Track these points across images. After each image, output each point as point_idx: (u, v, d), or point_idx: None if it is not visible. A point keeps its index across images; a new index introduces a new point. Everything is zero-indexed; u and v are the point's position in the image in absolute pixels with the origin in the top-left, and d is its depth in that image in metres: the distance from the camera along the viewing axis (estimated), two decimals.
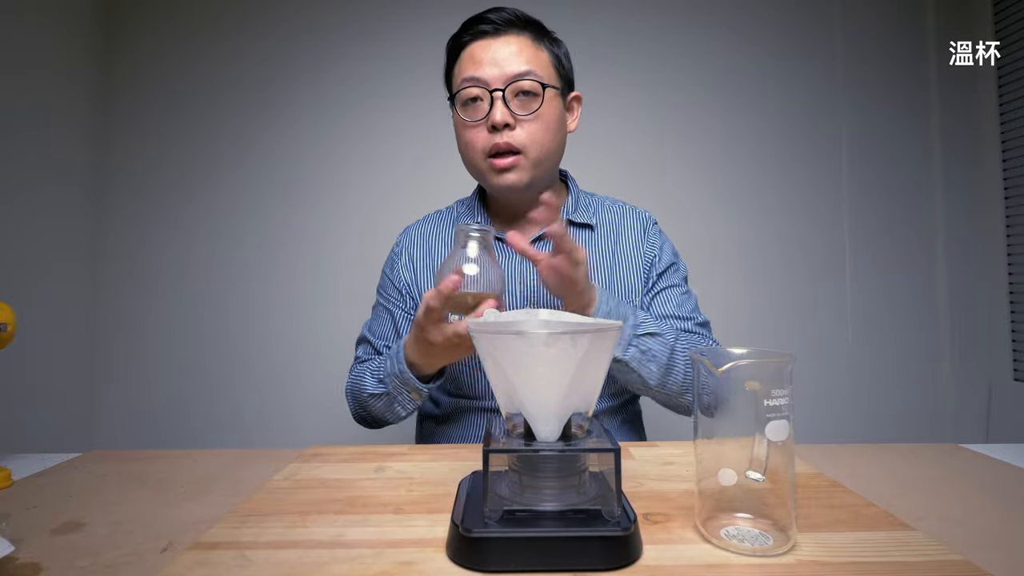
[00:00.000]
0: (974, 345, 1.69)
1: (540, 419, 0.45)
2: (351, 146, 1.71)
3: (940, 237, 1.71)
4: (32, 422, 1.42)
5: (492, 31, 0.83)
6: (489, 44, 0.83)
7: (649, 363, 0.77)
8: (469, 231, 0.70)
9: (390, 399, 0.82)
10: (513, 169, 0.83)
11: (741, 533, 0.43)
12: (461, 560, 0.41)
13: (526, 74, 0.81)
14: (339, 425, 1.59)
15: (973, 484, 0.59)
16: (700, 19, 1.72)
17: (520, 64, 0.82)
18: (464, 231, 0.71)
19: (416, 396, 0.80)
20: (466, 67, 0.84)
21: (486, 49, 0.83)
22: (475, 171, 0.88)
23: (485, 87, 0.82)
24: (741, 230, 1.71)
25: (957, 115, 1.71)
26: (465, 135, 0.85)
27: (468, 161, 0.88)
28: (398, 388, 0.80)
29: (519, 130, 0.82)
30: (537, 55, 0.84)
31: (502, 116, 0.81)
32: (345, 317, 1.66)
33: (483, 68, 0.82)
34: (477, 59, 0.83)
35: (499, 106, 0.81)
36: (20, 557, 0.44)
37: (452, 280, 0.66)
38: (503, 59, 0.82)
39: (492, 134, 0.82)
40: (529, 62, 0.82)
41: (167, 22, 1.70)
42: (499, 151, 0.82)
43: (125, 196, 1.69)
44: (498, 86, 0.81)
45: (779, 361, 0.41)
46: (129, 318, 1.68)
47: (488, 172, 0.85)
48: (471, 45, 0.84)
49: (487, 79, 0.82)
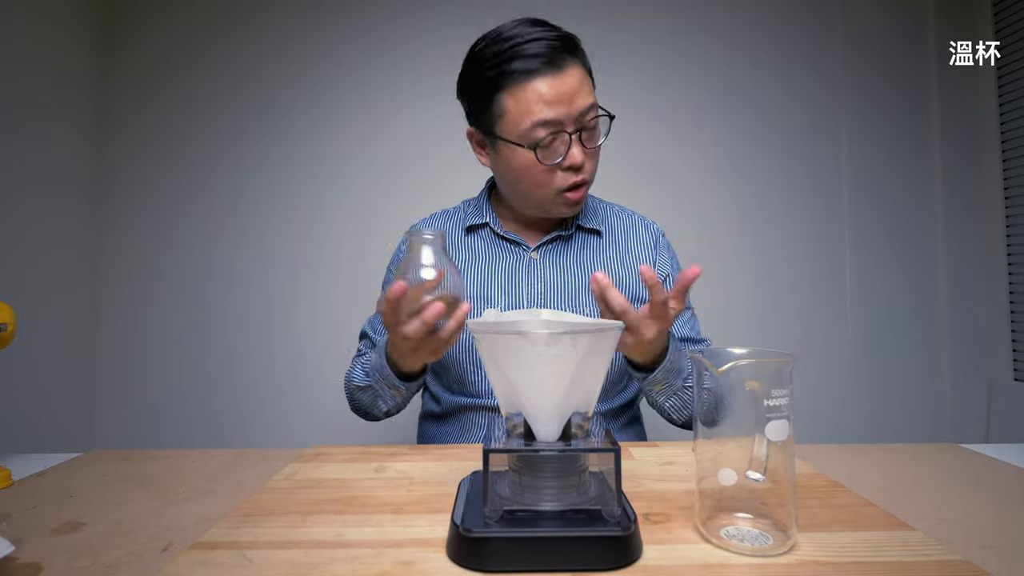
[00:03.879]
0: (974, 345, 1.69)
1: (540, 419, 0.45)
2: (351, 146, 1.71)
3: (940, 237, 1.71)
4: (32, 422, 1.42)
5: (551, 65, 0.77)
6: (552, 80, 0.77)
7: (685, 410, 0.82)
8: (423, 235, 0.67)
9: (374, 393, 0.82)
10: (582, 199, 0.85)
11: (741, 533, 0.43)
12: (461, 560, 0.41)
13: (591, 109, 0.80)
14: (339, 425, 1.59)
15: (973, 484, 0.59)
16: (700, 19, 1.72)
17: (585, 98, 0.79)
18: (418, 235, 0.68)
19: (396, 393, 0.80)
20: (533, 108, 0.77)
21: (551, 86, 0.77)
22: (538, 204, 0.86)
23: (562, 130, 0.79)
24: (741, 230, 1.71)
25: (957, 115, 1.71)
26: (539, 177, 0.81)
27: (533, 197, 0.85)
28: (380, 383, 0.80)
29: (588, 163, 0.83)
30: (588, 81, 0.81)
31: (583, 157, 0.81)
32: (345, 317, 1.67)
33: (555, 108, 0.77)
34: (547, 99, 0.77)
35: (577, 148, 0.80)
36: (20, 557, 0.44)
37: (397, 287, 0.63)
38: (572, 95, 0.78)
39: (568, 173, 0.81)
40: (590, 93, 0.80)
41: (167, 23, 1.70)
42: (575, 186, 0.82)
43: (125, 196, 1.69)
44: (572, 127, 0.79)
45: (779, 361, 0.41)
46: (129, 318, 1.68)
47: (559, 205, 0.84)
48: (531, 81, 0.77)
49: (562, 120, 0.78)
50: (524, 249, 0.91)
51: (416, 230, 0.68)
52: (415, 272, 0.66)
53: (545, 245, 0.91)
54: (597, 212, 0.96)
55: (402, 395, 0.81)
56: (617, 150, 1.69)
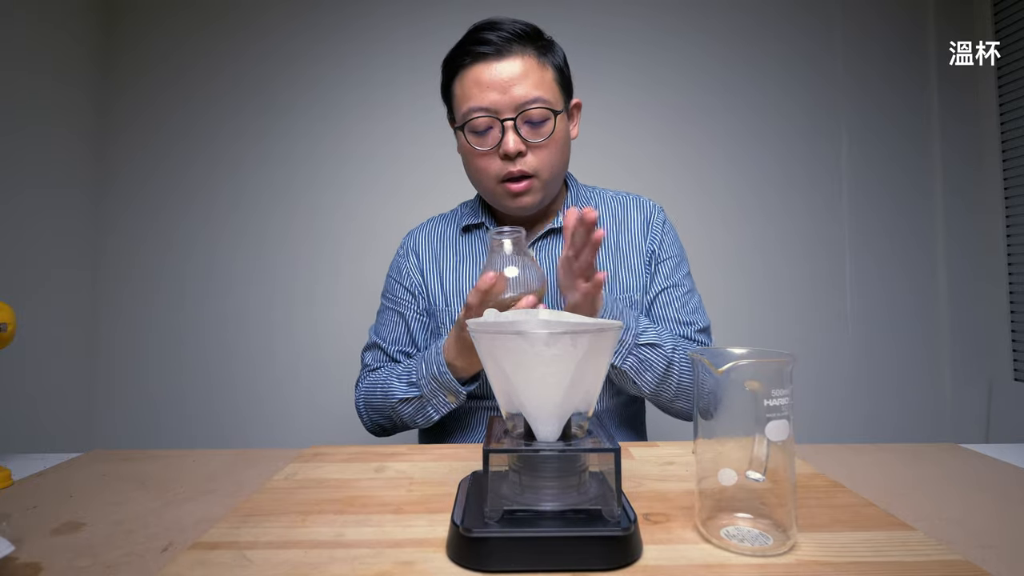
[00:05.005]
0: (974, 345, 1.69)
1: (540, 419, 0.45)
2: (350, 147, 1.71)
3: (940, 237, 1.71)
4: (32, 422, 1.42)
5: (494, 52, 0.79)
6: (492, 66, 0.79)
7: (645, 372, 0.78)
8: (503, 234, 0.72)
9: (422, 402, 0.81)
10: (528, 192, 0.83)
11: (741, 533, 0.43)
12: (461, 560, 0.41)
13: (535, 101, 0.79)
14: (339, 425, 1.59)
15: (973, 484, 0.59)
16: (700, 20, 1.72)
17: (528, 89, 0.79)
18: (498, 234, 0.72)
19: (452, 399, 0.80)
20: (471, 93, 0.80)
21: (490, 72, 0.79)
22: (486, 192, 0.87)
23: (495, 116, 0.80)
24: (741, 230, 1.71)
25: (957, 115, 1.71)
26: (477, 163, 0.84)
27: (478, 184, 0.87)
28: (434, 391, 0.79)
29: (531, 156, 0.81)
30: (543, 76, 0.81)
31: (515, 145, 0.80)
32: (345, 317, 1.67)
33: (489, 95, 0.79)
34: (483, 84, 0.79)
35: (511, 136, 0.79)
36: (20, 557, 0.44)
37: (488, 277, 0.67)
38: (510, 83, 0.78)
39: (505, 162, 0.81)
40: (537, 86, 0.79)
41: (167, 23, 1.70)
42: (512, 177, 0.82)
43: (125, 196, 1.69)
44: (508, 115, 0.79)
45: (779, 361, 0.41)
46: (129, 318, 1.68)
47: (502, 196, 0.84)
48: (473, 67, 0.80)
49: (496, 107, 0.79)
50: None
51: (499, 230, 0.72)
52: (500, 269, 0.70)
53: (540, 241, 0.90)
54: (590, 199, 0.95)
55: (459, 400, 0.80)
56: (617, 150, 1.70)
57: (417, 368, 0.82)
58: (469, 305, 0.70)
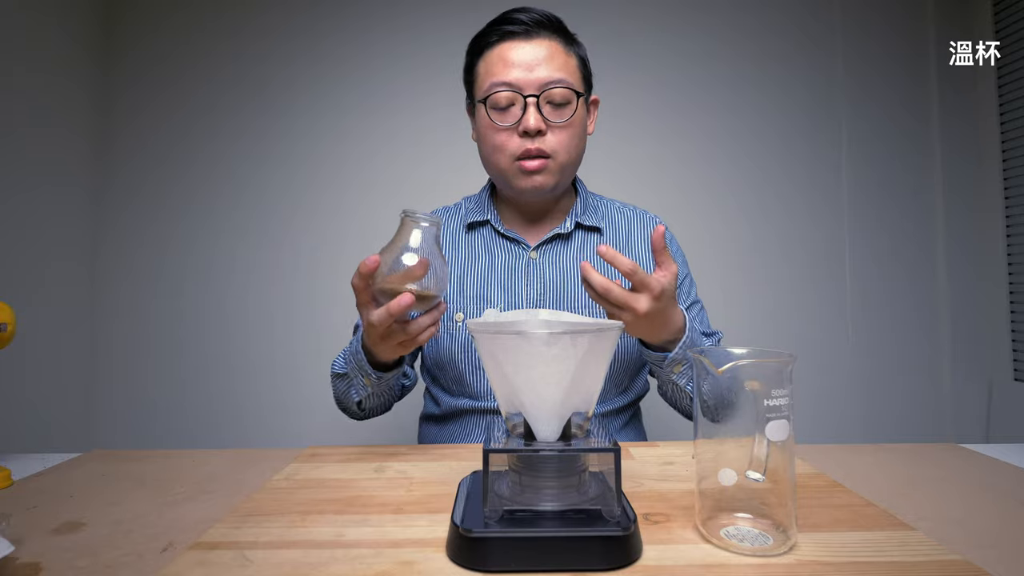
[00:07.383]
0: (974, 345, 1.69)
1: (540, 419, 0.45)
2: (350, 146, 1.71)
3: (940, 237, 1.71)
4: (32, 422, 1.42)
5: (523, 32, 0.81)
6: (519, 46, 0.81)
7: None
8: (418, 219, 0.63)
9: (349, 382, 0.80)
10: (541, 172, 0.83)
11: (741, 533, 0.43)
12: (461, 560, 0.41)
13: (559, 82, 0.81)
14: (339, 425, 1.59)
15: (973, 484, 0.59)
16: (700, 19, 1.72)
17: (553, 70, 0.80)
18: (412, 218, 0.63)
19: (367, 382, 0.77)
20: (496, 69, 0.82)
21: (516, 51, 0.81)
22: (499, 172, 0.87)
23: (519, 92, 0.81)
24: (741, 230, 1.71)
25: (957, 115, 1.71)
26: (495, 138, 0.84)
27: (493, 162, 0.87)
28: (355, 370, 0.78)
29: (550, 136, 0.82)
30: (567, 61, 0.83)
31: (536, 122, 0.80)
32: (345, 317, 1.66)
33: (515, 72, 0.80)
34: (508, 62, 0.81)
35: (532, 112, 0.80)
36: (20, 557, 0.44)
37: (370, 260, 0.62)
38: (535, 63, 0.80)
39: (523, 139, 0.82)
40: (561, 68, 0.81)
41: (167, 21, 1.70)
42: (529, 155, 0.82)
43: (125, 196, 1.69)
44: (532, 92, 0.80)
45: (779, 361, 0.41)
46: (129, 318, 1.68)
47: (515, 175, 0.84)
48: (499, 46, 0.82)
49: (520, 84, 0.80)
50: (524, 248, 0.90)
51: (412, 212, 0.63)
52: (397, 255, 0.62)
53: (545, 244, 0.90)
54: (598, 209, 0.95)
55: (373, 385, 0.77)
56: (617, 150, 1.70)
57: (349, 347, 0.82)
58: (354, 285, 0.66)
